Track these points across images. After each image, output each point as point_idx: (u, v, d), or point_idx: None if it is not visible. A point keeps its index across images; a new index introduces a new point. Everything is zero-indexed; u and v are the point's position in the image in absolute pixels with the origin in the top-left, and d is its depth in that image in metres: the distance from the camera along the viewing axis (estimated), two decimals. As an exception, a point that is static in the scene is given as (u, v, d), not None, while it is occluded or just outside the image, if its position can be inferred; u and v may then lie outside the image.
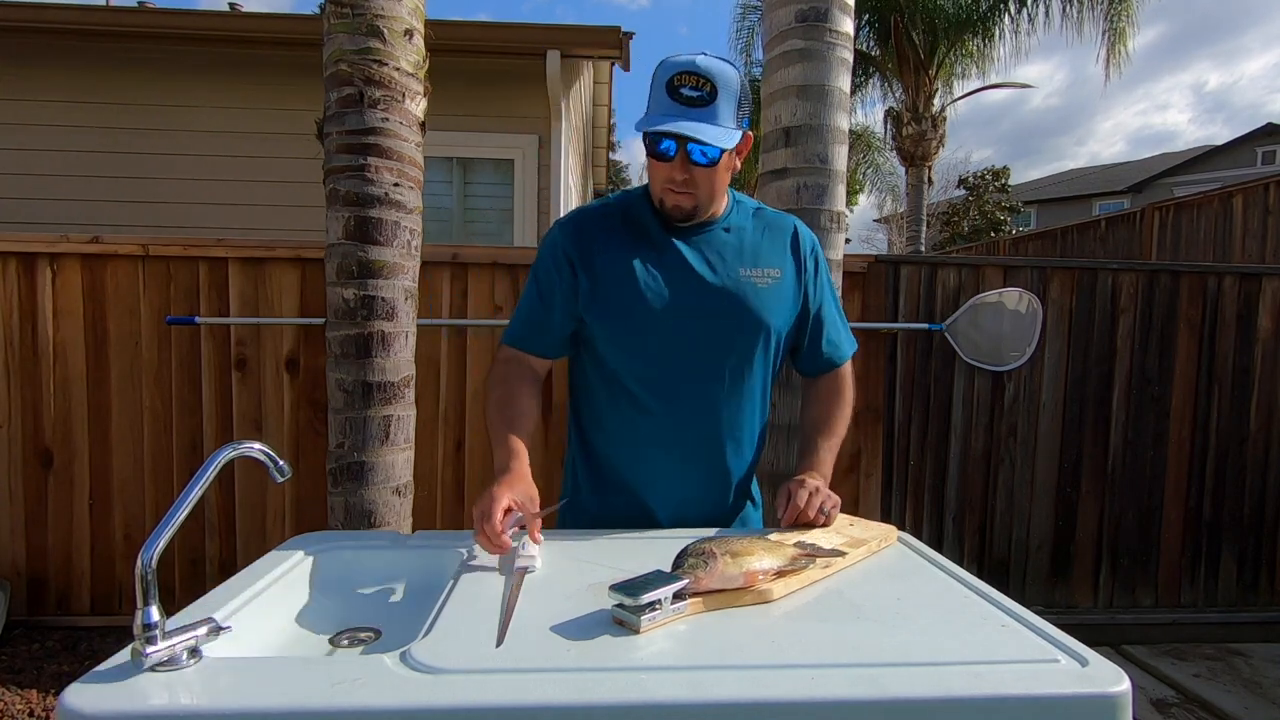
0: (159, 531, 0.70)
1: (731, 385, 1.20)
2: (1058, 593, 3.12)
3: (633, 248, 1.18)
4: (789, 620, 0.80)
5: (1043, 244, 8.15)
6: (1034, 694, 0.64)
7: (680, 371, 1.17)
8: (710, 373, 1.18)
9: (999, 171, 19.78)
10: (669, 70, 1.08)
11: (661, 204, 1.17)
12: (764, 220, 1.26)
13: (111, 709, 0.61)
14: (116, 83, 4.61)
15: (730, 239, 1.21)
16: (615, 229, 1.20)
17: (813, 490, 1.12)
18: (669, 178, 1.13)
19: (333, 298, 1.99)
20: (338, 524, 1.98)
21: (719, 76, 1.07)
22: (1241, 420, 3.14)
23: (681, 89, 1.07)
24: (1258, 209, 5.22)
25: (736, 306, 1.18)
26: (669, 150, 1.10)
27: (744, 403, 1.22)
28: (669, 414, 1.18)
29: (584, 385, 1.26)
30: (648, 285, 1.16)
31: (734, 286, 1.18)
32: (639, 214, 1.21)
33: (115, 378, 2.79)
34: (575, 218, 1.23)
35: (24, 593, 2.81)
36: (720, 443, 1.21)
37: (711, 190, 1.16)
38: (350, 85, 1.92)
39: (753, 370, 1.21)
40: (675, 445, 1.19)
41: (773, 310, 1.20)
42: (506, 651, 0.71)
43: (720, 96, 1.08)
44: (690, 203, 1.15)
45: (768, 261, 1.22)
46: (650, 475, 1.20)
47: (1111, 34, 8.51)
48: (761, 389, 1.25)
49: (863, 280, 2.97)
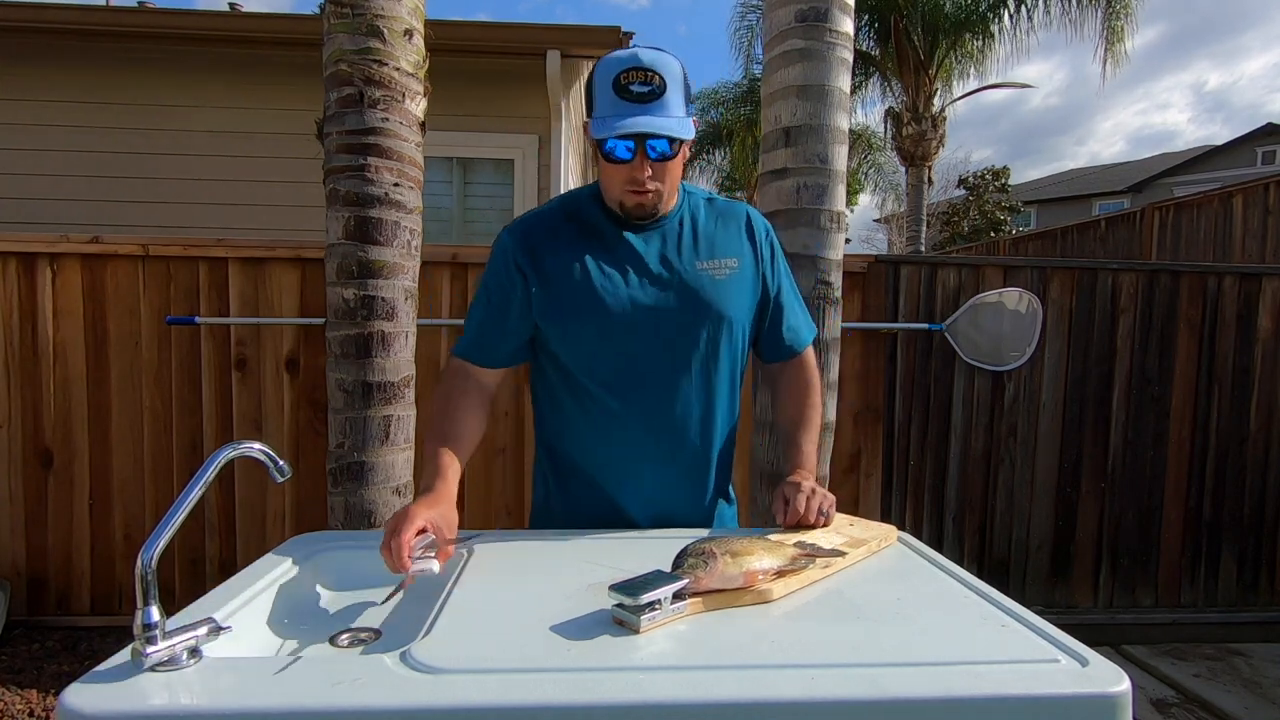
0: (159, 531, 0.70)
1: (698, 380, 1.18)
2: (1058, 593, 3.12)
3: (585, 249, 1.16)
4: (789, 620, 0.80)
5: (1043, 244, 8.15)
6: (1034, 694, 0.64)
7: (643, 370, 1.15)
8: (674, 369, 1.16)
9: (999, 171, 19.78)
10: (612, 69, 1.06)
11: (621, 206, 1.14)
12: (716, 210, 1.24)
13: (111, 709, 0.61)
14: (117, 83, 4.61)
15: (684, 232, 1.19)
16: (566, 231, 1.17)
17: (809, 492, 1.10)
18: (630, 179, 1.10)
19: (333, 298, 1.99)
20: (338, 524, 1.98)
21: (665, 68, 1.06)
22: (1241, 420, 3.14)
23: (630, 86, 1.05)
24: (1258, 209, 5.22)
25: (695, 300, 1.16)
26: (628, 151, 1.08)
27: (712, 397, 1.20)
28: (635, 414, 1.16)
29: (547, 390, 1.23)
30: (603, 286, 1.14)
31: (691, 280, 1.16)
32: (589, 214, 1.19)
33: (115, 378, 2.79)
34: (524, 222, 1.20)
35: (24, 593, 2.82)
36: (691, 439, 1.19)
37: (672, 185, 1.14)
38: (350, 85, 1.92)
39: (719, 363, 1.19)
40: (644, 445, 1.17)
41: (732, 301, 1.19)
42: (506, 651, 0.71)
43: (669, 88, 1.06)
44: (654, 201, 1.13)
45: (724, 252, 1.20)
46: (622, 475, 1.18)
47: (1109, 33, 8.52)
48: (730, 381, 1.22)
49: (863, 280, 2.97)
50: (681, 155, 1.13)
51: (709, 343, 1.17)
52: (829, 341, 2.20)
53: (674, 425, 1.17)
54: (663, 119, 1.05)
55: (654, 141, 1.07)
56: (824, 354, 2.20)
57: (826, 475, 2.24)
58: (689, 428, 1.18)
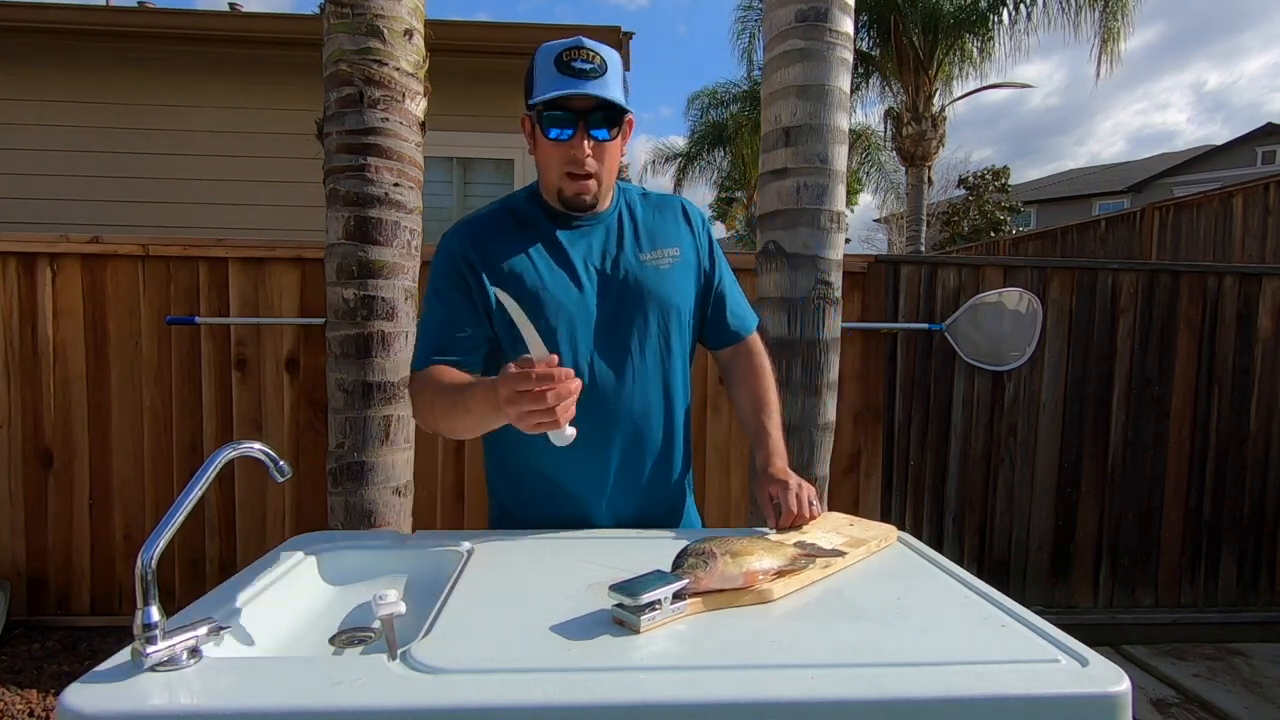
0: (159, 531, 0.70)
1: (654, 372, 1.18)
2: (1058, 593, 3.12)
3: (530, 247, 1.15)
4: (789, 620, 0.80)
5: (1043, 244, 8.15)
6: (1034, 694, 0.64)
7: (599, 366, 1.15)
8: (630, 362, 1.16)
9: (999, 171, 19.78)
10: (554, 49, 1.07)
11: (560, 194, 1.14)
12: (652, 203, 1.25)
13: (111, 709, 0.61)
14: (117, 83, 4.61)
15: (624, 225, 1.20)
16: (508, 231, 1.17)
17: (795, 489, 1.12)
18: (570, 158, 1.10)
19: (333, 298, 1.99)
20: (338, 524, 1.98)
21: (606, 54, 1.08)
22: (1241, 420, 3.14)
23: (573, 63, 1.06)
24: (1258, 209, 5.22)
25: (643, 291, 1.17)
26: (567, 129, 1.08)
27: (670, 388, 1.20)
28: (595, 411, 1.13)
29: None
30: (554, 284, 1.13)
31: (637, 271, 1.17)
32: (528, 214, 1.19)
33: (115, 378, 2.79)
34: (467, 224, 1.19)
35: (24, 593, 2.82)
36: (653, 432, 1.19)
37: (610, 173, 1.15)
38: (350, 85, 1.92)
39: (672, 353, 1.20)
40: (605, 442, 1.16)
41: (678, 289, 1.20)
42: (506, 651, 0.71)
43: (610, 70, 1.08)
44: (593, 186, 1.13)
45: (665, 242, 1.21)
46: (582, 474, 1.16)
47: (1105, 32, 8.53)
48: (682, 368, 1.23)
49: (863, 280, 2.97)
50: (620, 141, 1.14)
51: (660, 332, 1.18)
52: (829, 341, 2.20)
53: (635, 418, 1.17)
54: (604, 90, 1.06)
55: (596, 121, 1.08)
56: (824, 354, 2.20)
57: (826, 475, 2.24)
58: (650, 420, 1.19)
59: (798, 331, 2.16)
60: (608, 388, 1.15)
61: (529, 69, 1.11)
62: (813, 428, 2.18)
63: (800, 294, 2.16)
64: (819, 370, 2.18)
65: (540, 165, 1.16)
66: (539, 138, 1.12)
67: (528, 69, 1.12)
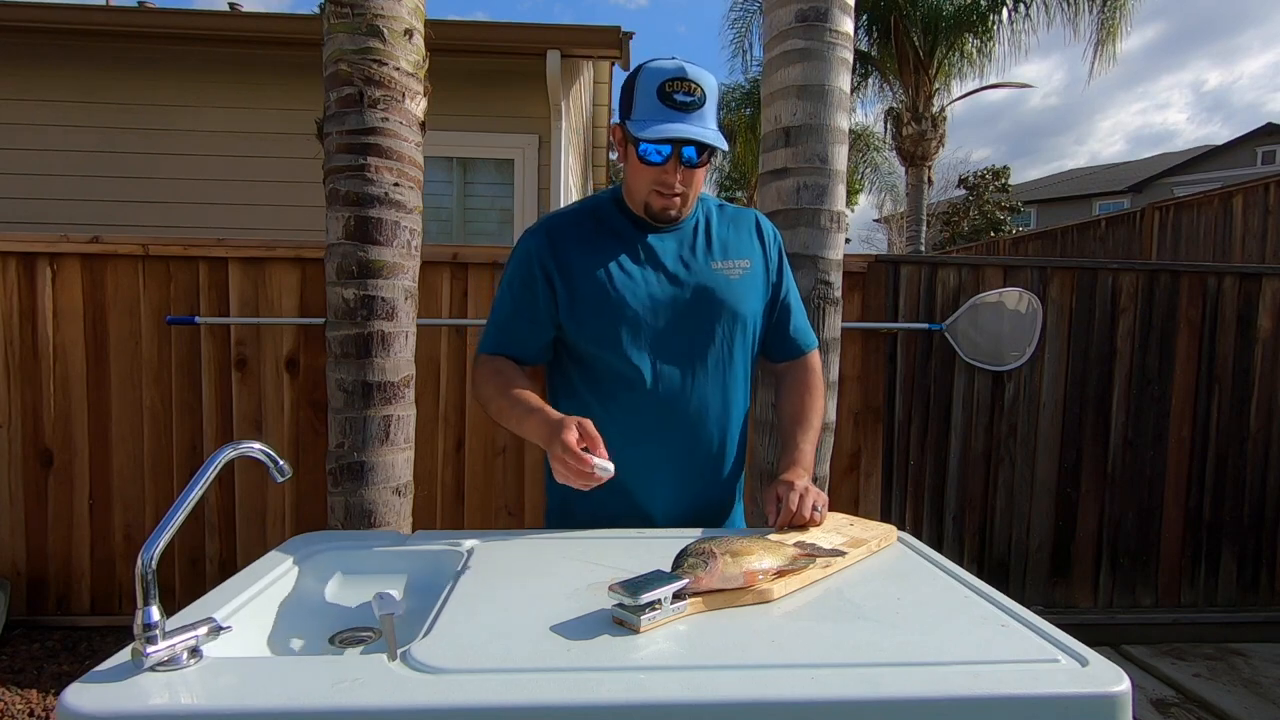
0: (159, 531, 0.70)
1: (714, 376, 1.22)
2: (1058, 593, 3.12)
3: (607, 250, 1.20)
4: (789, 620, 0.80)
5: (1043, 244, 8.15)
6: (1034, 694, 0.64)
7: (664, 366, 1.20)
8: (693, 365, 1.21)
9: (999, 171, 19.78)
10: (658, 77, 1.11)
11: (647, 208, 1.19)
12: (728, 215, 1.30)
13: (111, 709, 0.61)
14: (117, 83, 4.61)
15: (699, 234, 1.25)
16: (587, 234, 1.22)
17: (802, 491, 1.12)
18: (661, 181, 1.15)
19: (333, 298, 1.99)
20: (338, 524, 1.98)
21: (706, 83, 1.12)
22: (1241, 420, 3.14)
23: (675, 95, 1.10)
24: (1258, 209, 5.22)
25: (711, 298, 1.21)
26: (660, 155, 1.12)
27: (729, 393, 1.24)
28: (655, 410, 1.20)
29: (568, 388, 1.27)
30: (625, 286, 1.18)
31: (708, 279, 1.21)
32: (608, 217, 1.23)
33: (115, 378, 2.79)
34: (546, 225, 1.24)
35: (24, 593, 2.82)
36: (709, 433, 1.23)
37: (695, 192, 1.20)
38: (350, 85, 1.92)
39: (734, 360, 1.25)
40: (663, 440, 1.21)
41: (746, 299, 1.24)
42: (506, 651, 0.71)
43: (708, 102, 1.12)
44: (680, 204, 1.18)
45: (737, 253, 1.25)
46: (639, 470, 1.20)
47: (1102, 32, 8.53)
48: (744, 378, 1.28)
49: (863, 280, 2.97)
50: (707, 165, 1.18)
51: (725, 340, 1.23)
52: (829, 341, 2.20)
53: (693, 420, 1.22)
54: (702, 128, 1.11)
55: (688, 149, 1.12)
56: (824, 354, 2.19)
57: (826, 475, 2.24)
58: (707, 422, 1.23)
59: (798, 331, 2.16)
60: (669, 389, 1.20)
61: (630, 83, 1.15)
62: (813, 428, 2.18)
63: (800, 294, 2.16)
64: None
65: (629, 177, 1.20)
66: (631, 155, 1.16)
67: (628, 81, 1.15)
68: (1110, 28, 8.47)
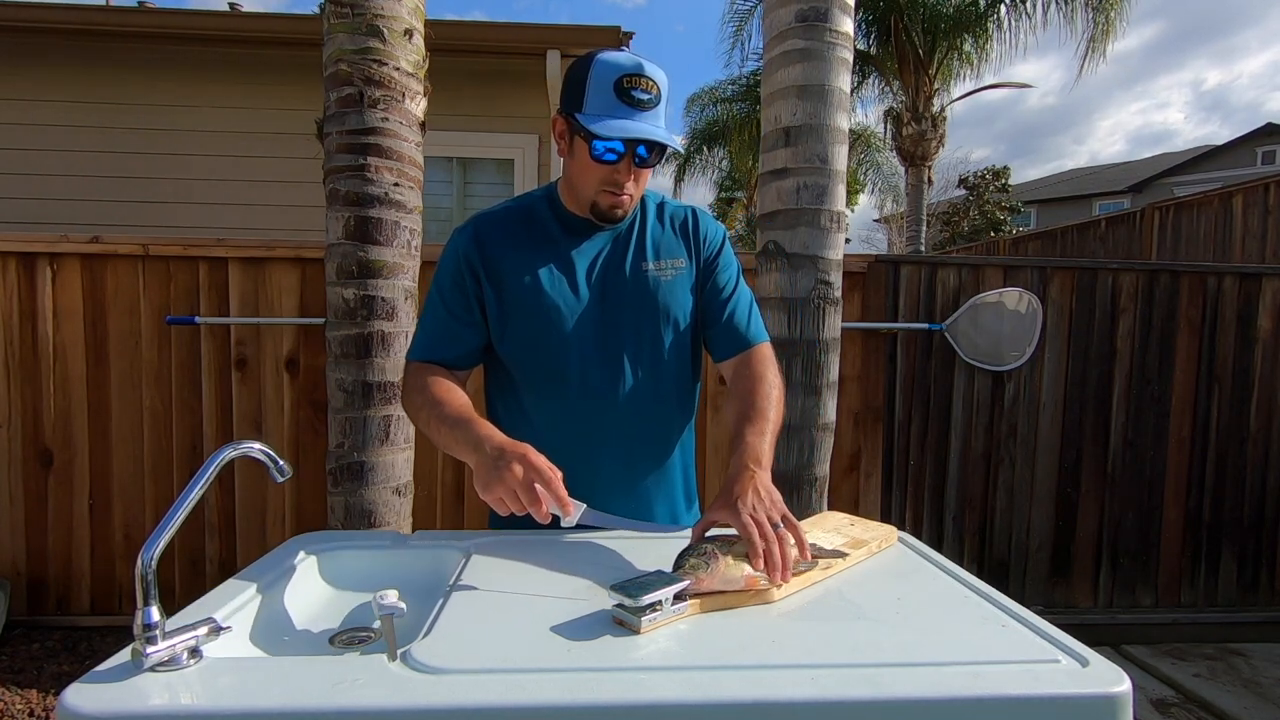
0: (159, 531, 0.70)
1: (644, 380, 1.18)
2: (1058, 593, 3.12)
3: (537, 251, 1.17)
4: (789, 620, 0.80)
5: (1043, 244, 8.15)
6: (1034, 694, 0.64)
7: (597, 371, 1.16)
8: (620, 369, 1.17)
9: (999, 171, 19.78)
10: (614, 71, 1.06)
11: (594, 206, 1.14)
12: (665, 213, 1.26)
13: (111, 709, 0.61)
14: (116, 83, 4.61)
15: (633, 234, 1.21)
16: (517, 233, 1.18)
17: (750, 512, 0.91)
18: (611, 180, 1.11)
19: (333, 298, 1.99)
20: (338, 524, 1.98)
21: (661, 81, 1.09)
22: (1241, 420, 3.14)
23: (633, 91, 1.06)
24: (1258, 209, 5.22)
25: (641, 300, 1.18)
26: (616, 153, 1.09)
27: (663, 394, 1.21)
28: (583, 416, 1.16)
29: (501, 392, 1.23)
30: (555, 288, 1.15)
31: (639, 280, 1.18)
32: (540, 217, 1.20)
33: (115, 378, 2.79)
34: (474, 223, 1.20)
35: (24, 593, 2.81)
36: (647, 436, 1.20)
37: (642, 189, 1.17)
38: (350, 85, 1.92)
39: (668, 363, 1.20)
40: (605, 442, 1.17)
41: (679, 300, 1.21)
42: (507, 652, 0.71)
43: (662, 100, 1.09)
44: (628, 204, 1.15)
45: (669, 253, 1.22)
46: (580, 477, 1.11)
47: (1096, 29, 8.53)
48: (680, 379, 1.23)
49: (863, 280, 2.97)
50: (656, 164, 1.16)
51: (656, 340, 1.19)
52: (829, 341, 2.20)
53: (625, 423, 1.18)
54: (657, 127, 1.08)
55: (641, 148, 1.09)
56: (824, 354, 2.20)
57: (826, 475, 2.24)
58: (641, 425, 1.19)
59: (798, 331, 2.17)
60: (601, 394, 1.16)
61: (581, 74, 1.08)
62: (813, 428, 2.18)
63: (800, 294, 2.16)
64: (819, 370, 2.18)
65: (574, 175, 1.15)
66: (580, 151, 1.11)
67: (578, 71, 1.09)
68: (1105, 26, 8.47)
